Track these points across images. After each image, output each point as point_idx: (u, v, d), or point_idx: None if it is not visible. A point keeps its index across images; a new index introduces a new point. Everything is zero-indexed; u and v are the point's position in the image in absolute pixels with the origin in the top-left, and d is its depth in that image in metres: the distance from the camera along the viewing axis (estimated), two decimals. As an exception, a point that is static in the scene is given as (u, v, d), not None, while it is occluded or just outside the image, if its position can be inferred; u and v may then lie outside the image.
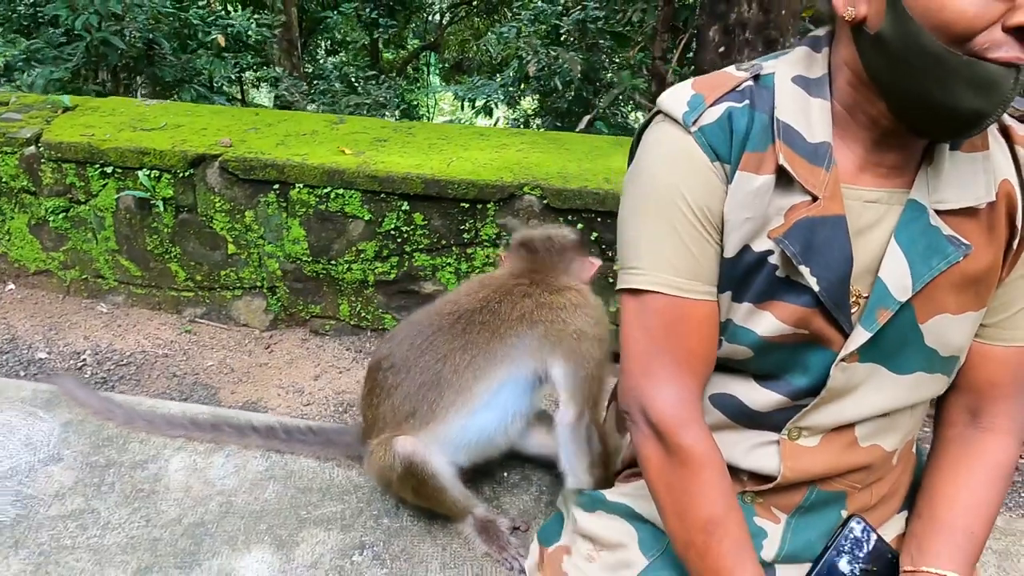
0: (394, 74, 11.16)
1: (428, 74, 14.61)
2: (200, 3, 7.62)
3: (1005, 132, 0.92)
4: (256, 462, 1.41)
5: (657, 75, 5.96)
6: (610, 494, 1.12)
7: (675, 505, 0.92)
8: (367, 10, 9.26)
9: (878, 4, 0.79)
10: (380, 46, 12.27)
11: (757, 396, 0.96)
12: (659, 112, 0.94)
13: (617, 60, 6.75)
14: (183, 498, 1.33)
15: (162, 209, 3.04)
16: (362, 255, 3.01)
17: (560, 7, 6.94)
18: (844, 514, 1.01)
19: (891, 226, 0.89)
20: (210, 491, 1.34)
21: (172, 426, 1.49)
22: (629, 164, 1.01)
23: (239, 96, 9.51)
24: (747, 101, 0.90)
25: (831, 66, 0.91)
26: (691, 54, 6.96)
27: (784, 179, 0.88)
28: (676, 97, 0.92)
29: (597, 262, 1.25)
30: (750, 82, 0.91)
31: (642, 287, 0.92)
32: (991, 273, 0.91)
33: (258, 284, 3.17)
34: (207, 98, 6.30)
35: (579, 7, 6.80)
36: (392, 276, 3.04)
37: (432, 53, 14.56)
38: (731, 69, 0.94)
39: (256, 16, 7.67)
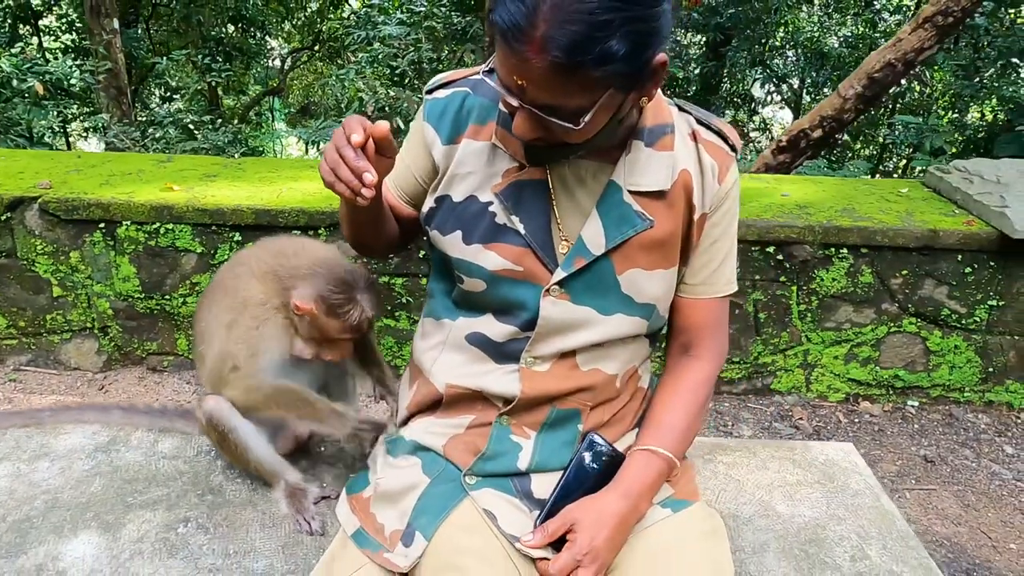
0: (236, 120, 10.99)
1: (272, 119, 14.47)
2: (13, 50, 7.27)
3: (695, 136, 1.24)
4: (82, 463, 1.49)
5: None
6: (403, 433, 1.34)
7: None
8: (200, 56, 9.14)
9: None
10: (220, 92, 12.06)
11: (496, 328, 1.24)
12: None
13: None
14: (6, 500, 1.38)
15: (-23, 255, 2.96)
16: (197, 288, 3.07)
17: (396, 49, 7.23)
18: (581, 428, 1.28)
19: (595, 196, 1.19)
20: (35, 491, 1.41)
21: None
22: None
23: (65, 147, 9.03)
24: (468, 88, 1.23)
25: None
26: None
27: (502, 150, 1.18)
28: (434, 79, 1.27)
29: (306, 306, 1.27)
30: (480, 76, 1.21)
31: None
32: (673, 238, 1.23)
33: (88, 325, 3.14)
34: (27, 149, 6.01)
35: (413, 48, 7.12)
36: (229, 306, 3.11)
37: (276, 98, 14.47)
38: (481, 67, 1.24)
39: (78, 63, 7.39)
